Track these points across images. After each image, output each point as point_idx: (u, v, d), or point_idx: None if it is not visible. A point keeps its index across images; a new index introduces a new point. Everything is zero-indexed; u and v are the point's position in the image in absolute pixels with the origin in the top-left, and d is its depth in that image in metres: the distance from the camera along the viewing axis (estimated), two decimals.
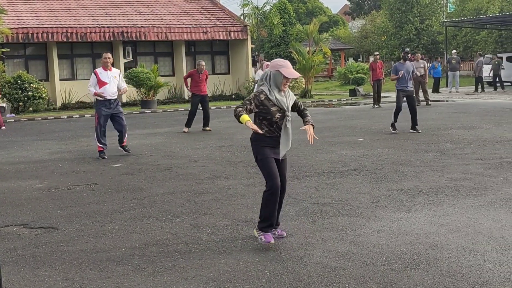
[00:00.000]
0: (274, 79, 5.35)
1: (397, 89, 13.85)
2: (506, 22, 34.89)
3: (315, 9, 68.27)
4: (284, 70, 5.32)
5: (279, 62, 5.41)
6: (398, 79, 13.65)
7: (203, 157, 10.97)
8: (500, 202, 6.70)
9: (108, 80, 11.25)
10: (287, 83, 5.37)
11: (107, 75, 11.30)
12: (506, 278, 4.44)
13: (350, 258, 5.01)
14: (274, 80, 5.35)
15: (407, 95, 13.67)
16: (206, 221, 6.36)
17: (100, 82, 11.24)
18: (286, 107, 5.38)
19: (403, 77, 13.66)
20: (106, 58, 11.38)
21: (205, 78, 15.86)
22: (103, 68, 11.37)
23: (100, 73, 11.30)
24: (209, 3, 30.85)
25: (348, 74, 35.57)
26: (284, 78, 5.32)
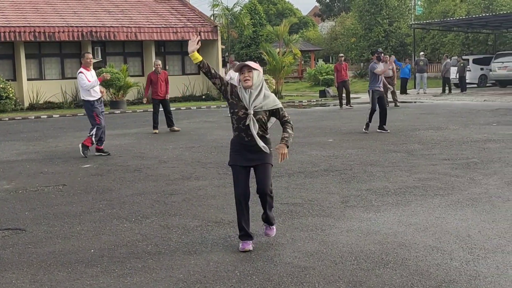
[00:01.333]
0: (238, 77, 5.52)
1: (371, 89, 13.97)
2: (473, 25, 35.46)
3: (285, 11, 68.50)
4: (235, 68, 5.55)
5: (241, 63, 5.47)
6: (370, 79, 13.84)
7: (173, 158, 10.93)
8: (467, 202, 6.82)
9: (92, 79, 11.23)
10: (246, 77, 5.23)
11: (91, 74, 11.31)
12: (472, 277, 4.52)
13: (320, 257, 5.04)
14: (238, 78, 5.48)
15: (379, 96, 13.83)
16: (176, 222, 6.34)
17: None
18: (247, 104, 5.24)
19: (377, 78, 13.82)
20: (89, 58, 11.38)
21: (164, 79, 15.51)
22: (86, 68, 11.31)
23: (85, 73, 11.26)
24: (179, 3, 30.73)
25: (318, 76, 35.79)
26: (241, 74, 5.29)
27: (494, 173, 8.42)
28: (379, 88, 13.85)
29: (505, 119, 15.79)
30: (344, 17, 55.74)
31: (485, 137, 12.23)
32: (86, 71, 11.28)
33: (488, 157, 9.72)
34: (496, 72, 31.02)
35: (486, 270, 4.63)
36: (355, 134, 13.55)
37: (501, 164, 9.10)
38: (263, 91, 5.34)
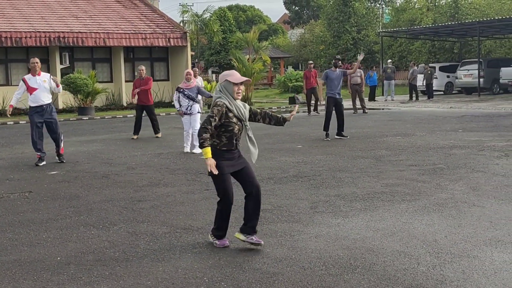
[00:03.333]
0: (225, 89, 5.41)
1: (327, 96, 14.06)
2: (439, 33, 36.02)
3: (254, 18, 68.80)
4: (231, 77, 5.41)
5: (226, 73, 5.53)
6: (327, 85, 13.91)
7: (142, 164, 10.85)
8: (433, 207, 6.90)
9: (37, 85, 10.94)
10: (240, 90, 5.43)
11: (35, 80, 10.99)
12: (439, 281, 4.57)
13: (289, 263, 5.05)
14: (227, 90, 5.41)
15: (336, 102, 13.90)
16: (144, 229, 6.29)
17: (29, 89, 10.95)
18: (244, 117, 5.46)
19: (333, 84, 13.89)
20: (34, 63, 11.05)
21: (146, 84, 15.35)
22: (32, 73, 11.09)
23: (28, 79, 11.00)
24: (148, 9, 30.60)
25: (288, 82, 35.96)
26: (235, 85, 5.38)
27: (460, 178, 8.55)
28: (335, 95, 13.92)
29: (471, 126, 16.06)
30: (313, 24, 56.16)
31: (451, 143, 12.42)
32: (31, 76, 11.02)
33: (454, 163, 9.87)
34: (461, 79, 31.54)
35: (452, 275, 4.69)
36: (323, 141, 13.62)
37: (466, 170, 9.25)
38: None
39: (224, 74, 5.52)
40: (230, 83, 5.39)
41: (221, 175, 5.40)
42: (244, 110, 5.50)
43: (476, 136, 13.52)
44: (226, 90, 5.41)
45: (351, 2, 44.57)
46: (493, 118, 18.30)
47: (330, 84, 13.98)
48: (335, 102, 13.91)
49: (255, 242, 5.50)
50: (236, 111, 5.39)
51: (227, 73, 5.50)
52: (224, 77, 5.46)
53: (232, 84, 5.39)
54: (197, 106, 12.44)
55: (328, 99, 14.01)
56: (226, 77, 5.42)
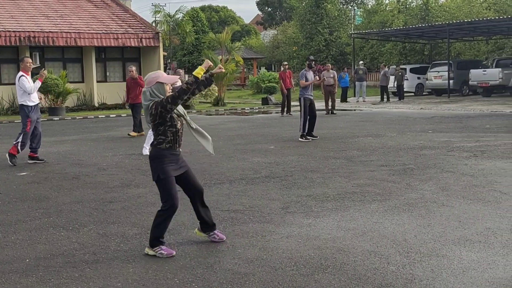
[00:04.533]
0: (159, 91, 5.29)
1: (302, 97, 14.08)
2: (410, 35, 36.44)
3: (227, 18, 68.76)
4: (162, 78, 5.33)
5: (152, 75, 5.39)
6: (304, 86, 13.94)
7: (113, 165, 10.77)
8: (403, 207, 6.97)
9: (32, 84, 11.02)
10: (170, 89, 5.41)
11: (30, 79, 11.08)
12: (408, 280, 4.62)
13: (260, 264, 5.06)
14: (159, 92, 5.29)
15: (311, 103, 13.97)
16: (115, 230, 6.24)
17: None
18: (183, 112, 5.50)
19: (308, 86, 13.97)
20: (29, 62, 11.21)
21: (138, 85, 15.50)
22: (26, 72, 11.05)
23: (26, 77, 11.01)
24: (120, 9, 30.37)
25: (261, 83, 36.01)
26: (166, 85, 5.34)
27: (429, 179, 8.65)
28: (310, 96, 14.00)
29: (440, 127, 16.26)
30: (286, 25, 56.37)
31: (421, 144, 12.56)
32: (26, 75, 11.02)
33: (424, 163, 9.98)
34: (432, 81, 31.92)
35: (422, 274, 4.75)
36: (296, 141, 13.67)
37: (436, 170, 9.36)
38: None
39: (152, 76, 5.36)
40: (163, 84, 5.30)
41: (167, 178, 5.32)
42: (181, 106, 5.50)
43: (445, 137, 13.70)
44: (160, 92, 5.27)
45: (323, 4, 44.84)
46: (462, 119, 18.56)
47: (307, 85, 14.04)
48: (309, 102, 13.98)
49: (218, 240, 5.63)
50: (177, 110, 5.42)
51: (156, 75, 5.36)
52: (154, 79, 5.31)
53: (164, 84, 5.32)
54: None
55: (304, 100, 14.02)
56: (157, 79, 5.29)
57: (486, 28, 32.36)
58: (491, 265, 4.91)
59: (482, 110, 21.85)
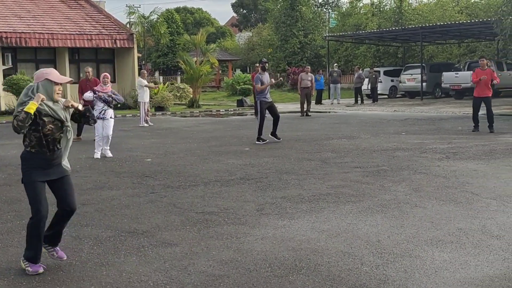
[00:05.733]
0: (45, 89, 4.84)
1: (259, 100, 14.02)
2: (383, 38, 36.76)
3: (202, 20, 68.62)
4: (52, 76, 4.90)
5: (44, 70, 4.99)
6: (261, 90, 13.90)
7: (86, 167, 10.67)
8: (377, 208, 7.03)
9: None
10: (60, 90, 4.92)
11: None
12: (381, 280, 4.66)
13: (235, 265, 5.06)
14: (46, 90, 4.84)
15: (269, 105, 13.96)
16: (88, 233, 6.19)
17: None
18: (63, 117, 4.93)
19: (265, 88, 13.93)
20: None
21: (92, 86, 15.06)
22: None
23: None
24: (94, 10, 30.12)
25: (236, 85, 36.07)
26: (56, 85, 4.88)
27: (402, 180, 8.74)
28: (267, 99, 13.99)
29: (413, 129, 16.44)
30: (261, 28, 56.46)
31: (394, 145, 12.68)
32: None
33: (397, 165, 10.07)
34: (405, 83, 32.24)
35: (395, 274, 4.79)
36: (271, 143, 13.69)
37: (409, 171, 9.46)
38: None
39: (43, 72, 4.94)
40: (51, 82, 4.86)
41: (30, 183, 4.92)
42: (62, 111, 4.93)
43: (418, 139, 13.85)
44: (44, 90, 4.81)
45: (298, 6, 44.99)
46: (435, 121, 18.78)
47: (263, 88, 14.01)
48: (268, 105, 13.97)
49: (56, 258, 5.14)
50: (48, 110, 4.83)
51: (47, 71, 4.94)
52: (43, 75, 4.88)
53: (54, 83, 4.87)
54: (111, 111, 12.14)
55: (261, 103, 13.98)
56: (46, 76, 4.86)
57: (458, 32, 32.81)
58: (463, 265, 4.97)
59: (455, 113, 22.13)
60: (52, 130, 4.88)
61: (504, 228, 6.06)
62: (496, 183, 8.35)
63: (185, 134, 16.20)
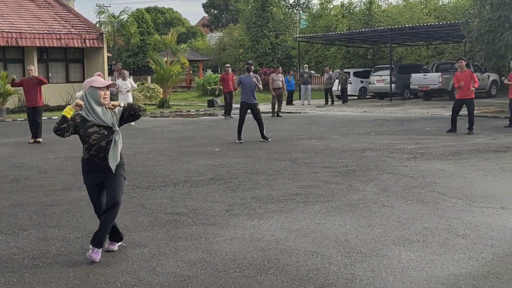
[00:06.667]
0: (91, 96, 5.16)
1: (241, 101, 14.19)
2: (353, 39, 37.04)
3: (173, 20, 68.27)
4: (96, 82, 5.20)
5: (89, 79, 5.32)
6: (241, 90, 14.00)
7: (54, 168, 10.55)
8: (345, 208, 7.09)
9: None
10: (106, 94, 5.19)
11: None
12: (349, 280, 4.70)
13: (203, 266, 5.05)
14: (92, 97, 5.16)
15: (250, 107, 14.03)
16: (56, 234, 6.12)
17: None
18: (111, 123, 5.21)
19: (247, 89, 14.02)
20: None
21: (37, 85, 14.72)
22: None
23: None
24: (63, 9, 29.77)
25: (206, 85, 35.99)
26: (100, 90, 5.16)
27: (371, 180, 8.83)
28: (248, 100, 14.06)
29: (382, 129, 16.61)
30: (232, 28, 56.40)
31: (363, 146, 12.79)
32: None
33: (366, 165, 10.17)
34: (374, 85, 32.54)
35: (362, 273, 4.84)
36: (241, 144, 13.70)
37: (377, 171, 9.56)
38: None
39: (87, 81, 5.27)
40: (96, 89, 5.16)
41: (86, 186, 5.47)
42: (113, 115, 5.24)
43: (387, 139, 14.00)
44: (92, 98, 5.15)
45: (269, 7, 45.08)
46: (404, 122, 19.00)
47: (244, 89, 14.14)
48: (249, 107, 14.03)
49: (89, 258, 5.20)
50: (96, 120, 5.15)
51: (91, 79, 5.29)
52: (88, 83, 5.20)
53: (98, 89, 5.16)
54: None
55: (241, 104, 14.13)
56: (91, 83, 5.18)
57: (426, 34, 33.22)
58: (429, 264, 5.05)
59: (423, 113, 22.42)
60: (98, 139, 5.18)
61: (469, 227, 6.17)
62: (462, 183, 8.49)
63: (155, 134, 16.12)
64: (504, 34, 20.90)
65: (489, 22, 21.49)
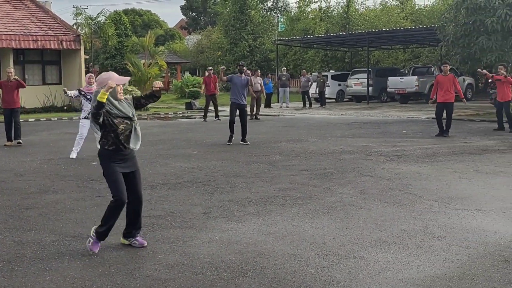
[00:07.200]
0: (110, 92, 5.42)
1: (231, 101, 14.22)
2: (331, 42, 37.23)
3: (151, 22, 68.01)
4: (113, 79, 5.48)
5: (104, 76, 5.57)
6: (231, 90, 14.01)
7: (31, 170, 10.44)
8: (323, 210, 7.12)
9: None
10: (121, 90, 5.57)
11: None
12: (326, 282, 4.73)
13: (181, 269, 5.04)
14: (110, 93, 5.43)
15: (239, 108, 14.07)
16: (31, 237, 6.06)
17: None
18: (131, 113, 5.57)
19: (237, 89, 14.03)
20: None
21: (16, 88, 14.60)
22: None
23: None
24: (40, 11, 29.49)
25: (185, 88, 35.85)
26: (117, 86, 5.49)
27: (348, 182, 8.88)
28: (238, 101, 14.09)
29: (359, 132, 16.71)
30: (210, 31, 56.38)
31: (341, 148, 12.86)
32: None
33: (343, 168, 10.23)
34: (352, 88, 32.71)
35: (340, 275, 4.87)
36: (219, 146, 13.70)
37: (355, 174, 9.61)
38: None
39: (103, 77, 5.53)
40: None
41: (112, 174, 5.52)
42: (130, 106, 5.63)
43: (364, 142, 14.09)
44: (109, 93, 5.42)
45: (247, 10, 45.15)
46: (381, 125, 19.13)
47: (234, 89, 14.11)
48: (238, 107, 14.05)
49: (138, 245, 5.65)
50: (118, 112, 5.49)
51: (108, 76, 5.54)
52: (105, 81, 5.44)
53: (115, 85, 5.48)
54: None
55: (231, 104, 14.14)
56: (108, 80, 5.41)
57: (403, 37, 33.52)
58: (405, 265, 5.09)
59: (399, 116, 22.60)
60: (125, 128, 5.49)
61: (445, 229, 6.23)
62: (438, 185, 8.58)
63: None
64: (479, 39, 21.18)
65: (465, 27, 21.78)
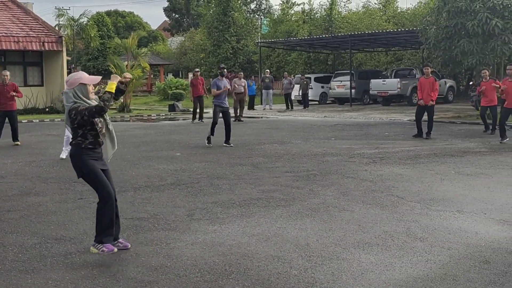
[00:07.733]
0: (82, 92, 5.42)
1: (214, 104, 14.24)
2: (314, 45, 37.34)
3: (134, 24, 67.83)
4: (84, 79, 5.45)
5: (75, 76, 5.49)
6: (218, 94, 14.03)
7: (12, 173, 10.35)
8: (306, 212, 7.14)
9: None
10: (93, 89, 5.54)
11: None
12: (310, 283, 4.74)
13: (164, 271, 5.03)
14: (82, 93, 5.42)
15: (223, 111, 14.08)
16: (13, 240, 6.01)
17: None
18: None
19: (220, 94, 14.07)
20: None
21: (12, 91, 14.72)
22: None
23: None
24: (21, 11, 29.23)
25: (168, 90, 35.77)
26: (89, 86, 5.47)
27: (331, 184, 8.91)
28: (221, 104, 14.11)
29: (342, 134, 16.78)
30: (193, 32, 56.28)
31: (324, 150, 12.90)
32: None
33: (326, 169, 10.26)
34: (335, 90, 32.82)
35: (323, 277, 4.88)
36: (203, 148, 13.68)
37: (338, 176, 9.66)
38: None
39: (74, 77, 5.45)
40: (85, 85, 5.44)
41: (95, 171, 5.51)
42: None
43: (347, 144, 14.15)
44: (82, 93, 5.41)
45: (230, 12, 45.13)
46: (363, 127, 19.23)
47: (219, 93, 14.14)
48: (222, 110, 14.07)
49: (122, 248, 5.61)
50: None
51: (79, 76, 5.46)
52: (76, 81, 5.40)
53: (87, 85, 5.46)
54: None
55: (214, 107, 14.17)
56: (79, 80, 5.40)
57: (385, 40, 33.72)
58: (388, 267, 5.12)
59: (382, 118, 22.74)
60: (102, 126, 5.51)
61: (427, 230, 6.28)
62: (420, 187, 8.64)
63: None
64: (461, 41, 21.37)
65: (446, 30, 21.97)
